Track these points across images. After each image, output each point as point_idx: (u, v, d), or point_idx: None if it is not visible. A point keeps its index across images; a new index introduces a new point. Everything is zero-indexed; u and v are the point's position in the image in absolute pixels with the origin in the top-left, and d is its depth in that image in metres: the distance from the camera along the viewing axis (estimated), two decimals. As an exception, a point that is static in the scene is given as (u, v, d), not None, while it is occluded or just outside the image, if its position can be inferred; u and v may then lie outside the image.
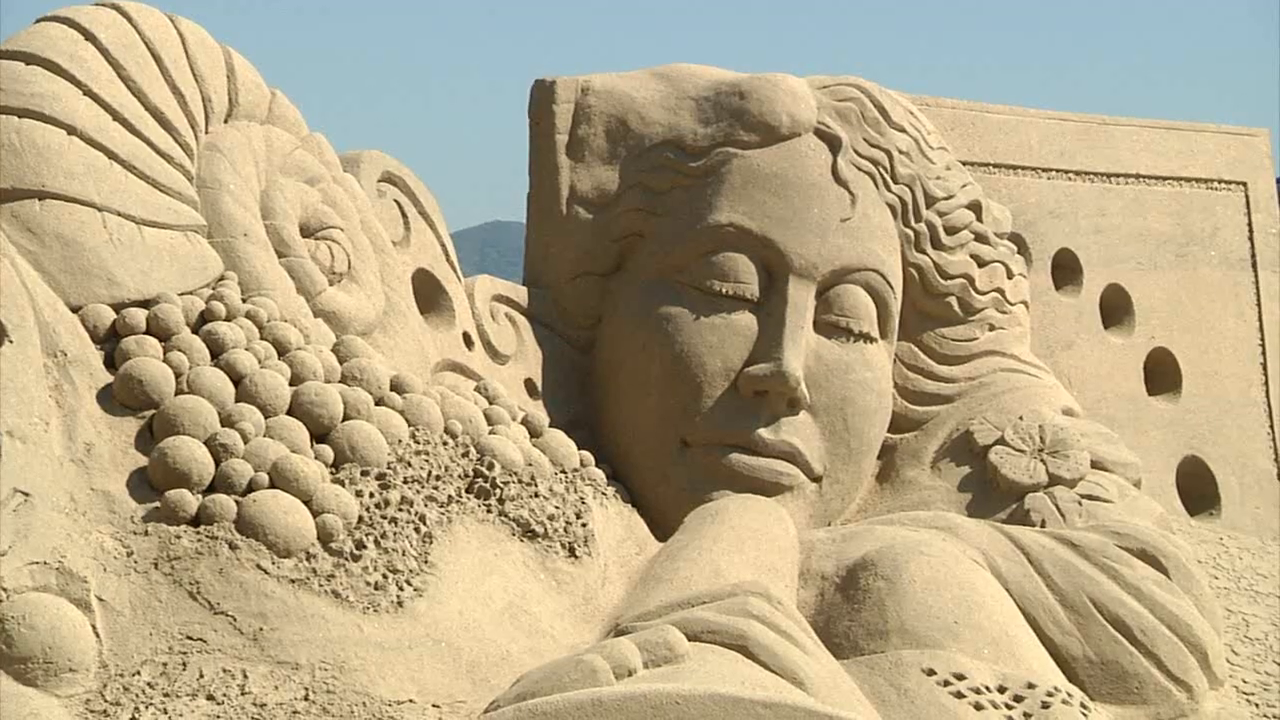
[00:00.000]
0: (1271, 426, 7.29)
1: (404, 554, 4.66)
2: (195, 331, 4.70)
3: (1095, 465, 5.95)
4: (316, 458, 4.66)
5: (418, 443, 4.89)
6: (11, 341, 4.38)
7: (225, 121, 5.12)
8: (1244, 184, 7.48)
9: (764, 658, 4.40)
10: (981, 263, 6.21)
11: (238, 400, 4.64)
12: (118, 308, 4.66)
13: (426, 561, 4.69)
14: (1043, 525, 5.75)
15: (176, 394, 4.58)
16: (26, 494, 4.25)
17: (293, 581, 4.45)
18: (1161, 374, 7.13)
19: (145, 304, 4.69)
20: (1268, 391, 7.32)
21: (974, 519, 5.76)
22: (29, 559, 4.17)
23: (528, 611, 4.86)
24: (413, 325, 5.39)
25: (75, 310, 4.59)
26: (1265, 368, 7.35)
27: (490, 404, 5.34)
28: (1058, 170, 7.01)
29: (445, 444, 4.98)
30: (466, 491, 4.96)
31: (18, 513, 4.19)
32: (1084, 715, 5.09)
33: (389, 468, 4.77)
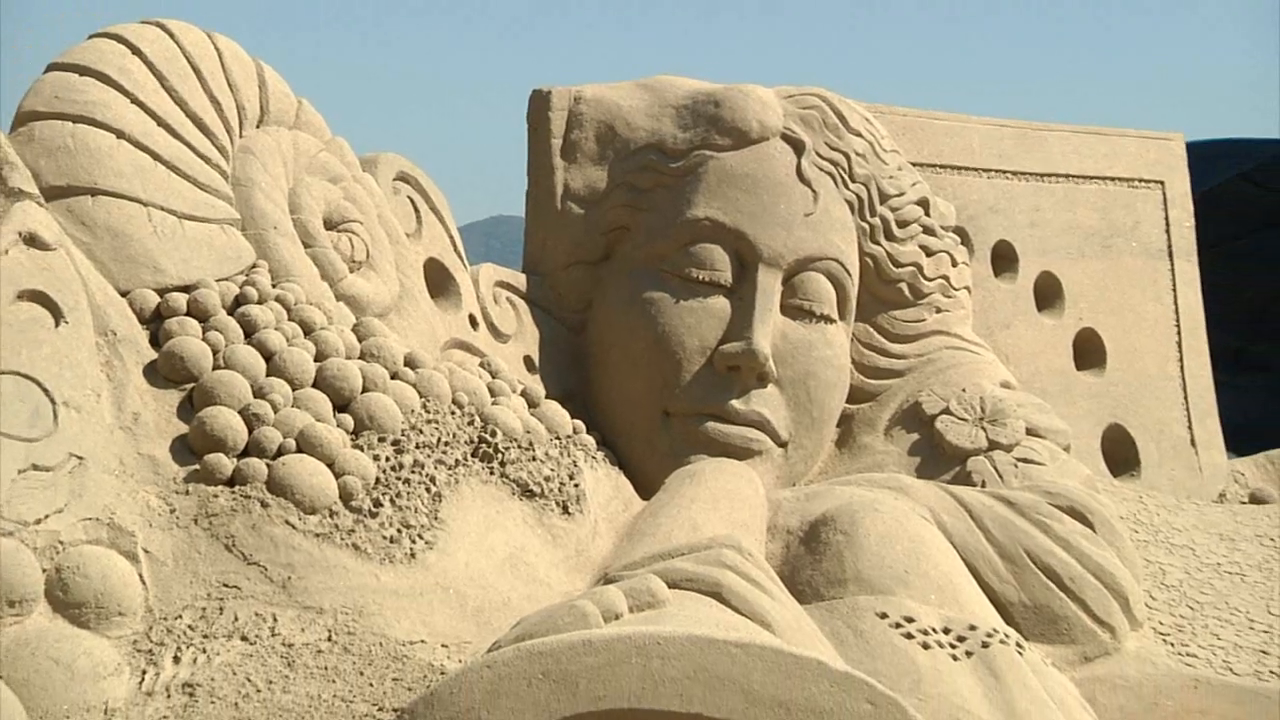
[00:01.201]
0: (1185, 398, 7.31)
1: (416, 511, 4.66)
2: (230, 313, 4.71)
3: (1029, 432, 5.97)
4: (338, 426, 4.67)
5: (428, 412, 4.89)
6: (67, 322, 4.38)
7: (257, 127, 5.13)
8: (1161, 183, 7.51)
9: (736, 603, 4.40)
10: (929, 252, 6.24)
11: (268, 374, 4.64)
12: (161, 292, 4.66)
13: (436, 518, 4.69)
14: (983, 485, 5.77)
15: (214, 369, 4.59)
16: (80, 458, 4.25)
17: (317, 536, 4.46)
18: (1088, 352, 7.15)
19: (186, 289, 4.70)
20: (1182, 367, 7.34)
21: (922, 480, 5.79)
22: (83, 515, 4.17)
23: (526, 562, 4.88)
24: (424, 308, 5.40)
25: (124, 294, 4.60)
26: (1180, 346, 7.37)
27: (493, 378, 5.35)
28: (996, 171, 7.02)
29: (453, 413, 4.99)
30: (472, 456, 4.97)
31: (73, 474, 4.19)
32: (1019, 653, 5.10)
33: (403, 434, 4.78)
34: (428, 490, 4.73)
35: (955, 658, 5.02)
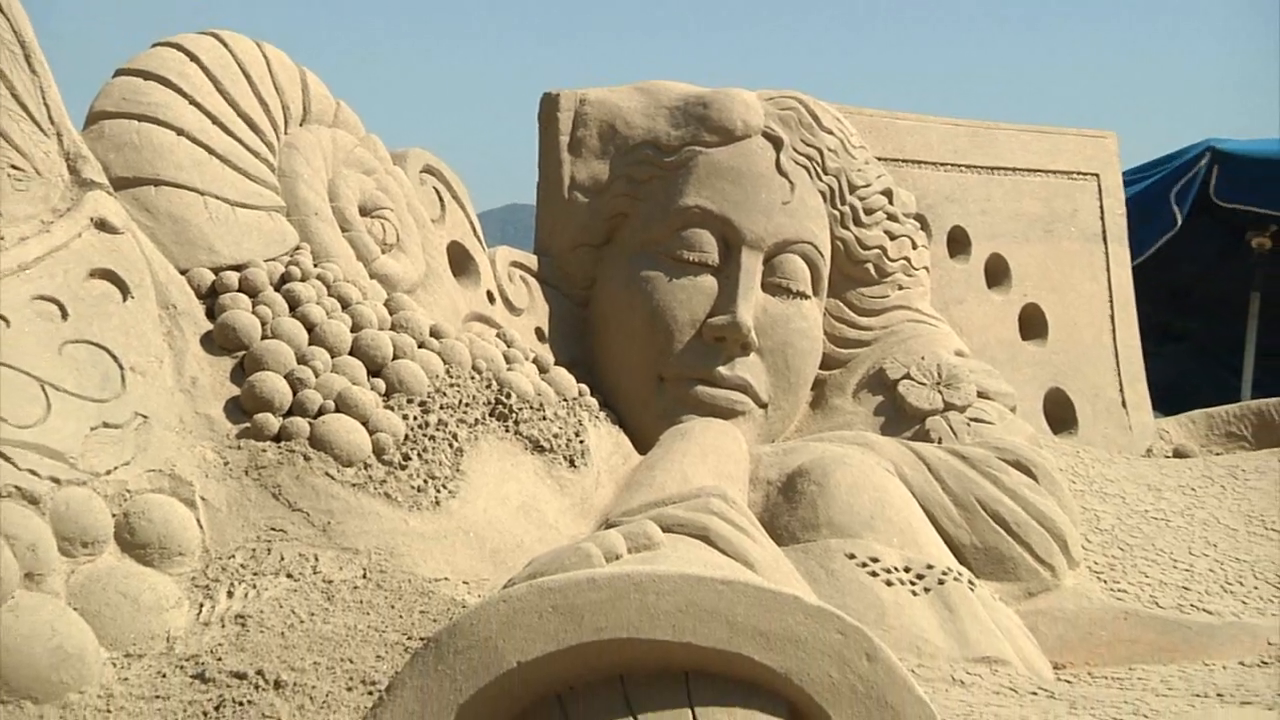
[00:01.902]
0: (1117, 366, 7.32)
1: (440, 464, 4.67)
2: (277, 290, 4.71)
3: (980, 395, 5.99)
4: (372, 389, 4.68)
5: (451, 377, 4.90)
6: (133, 297, 4.39)
7: (300, 125, 5.14)
8: (1097, 175, 7.52)
9: (722, 545, 4.41)
10: (892, 236, 6.25)
11: (310, 344, 4.65)
12: (216, 271, 4.67)
13: (458, 470, 4.70)
14: (939, 442, 5.79)
15: (262, 339, 4.60)
16: (145, 416, 4.25)
17: (353, 485, 4.47)
18: (1032, 324, 7.16)
19: (238, 268, 4.70)
20: (1115, 338, 7.35)
21: (886, 437, 5.80)
22: (147, 467, 4.17)
23: (537, 509, 4.89)
24: (447, 285, 5.40)
25: (183, 273, 4.61)
26: (1113, 319, 7.38)
27: (508, 347, 5.36)
28: (952, 165, 7.03)
29: (472, 378, 4.99)
30: (490, 415, 4.97)
31: (138, 431, 4.20)
32: (971, 589, 5.12)
33: (429, 396, 4.79)
34: (450, 446, 4.74)
35: (915, 593, 5.04)
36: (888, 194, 6.30)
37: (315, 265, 4.85)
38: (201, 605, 4.03)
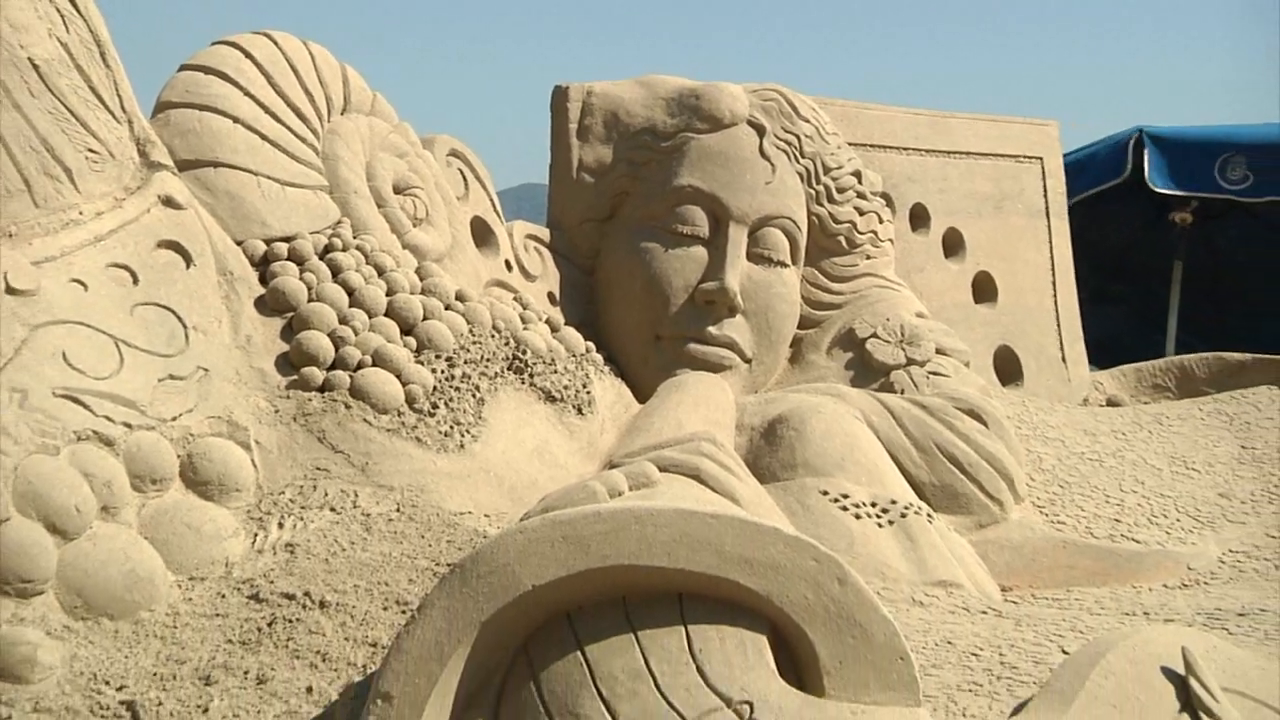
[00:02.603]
0: (1058, 326, 7.33)
1: (464, 412, 4.68)
2: (321, 258, 4.72)
3: (938, 351, 5.99)
4: (404, 346, 4.69)
5: (474, 336, 4.90)
6: (195, 265, 4.39)
7: (341, 114, 5.13)
8: (1040, 159, 7.51)
9: (712, 484, 4.42)
10: (861, 212, 6.24)
11: (350, 306, 4.65)
12: (268, 242, 4.68)
13: (480, 417, 4.71)
14: (902, 393, 5.79)
15: (308, 301, 4.60)
16: (206, 370, 4.26)
17: (388, 430, 4.47)
18: (983, 289, 7.15)
19: (287, 239, 4.71)
20: (1055, 302, 7.35)
21: (855, 389, 5.80)
22: (208, 414, 4.18)
23: (549, 452, 4.89)
24: (470, 255, 5.40)
25: (239, 244, 4.61)
26: (1054, 285, 7.38)
27: (524, 309, 5.36)
28: (914, 149, 7.01)
29: (492, 336, 4.99)
30: (508, 369, 4.97)
31: (200, 383, 4.21)
32: (929, 522, 5.13)
33: (454, 353, 4.79)
34: (473, 396, 4.75)
35: (880, 525, 5.05)
36: (857, 175, 6.29)
37: (354, 237, 4.85)
38: (255, 535, 4.04)
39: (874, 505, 5.10)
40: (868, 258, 6.32)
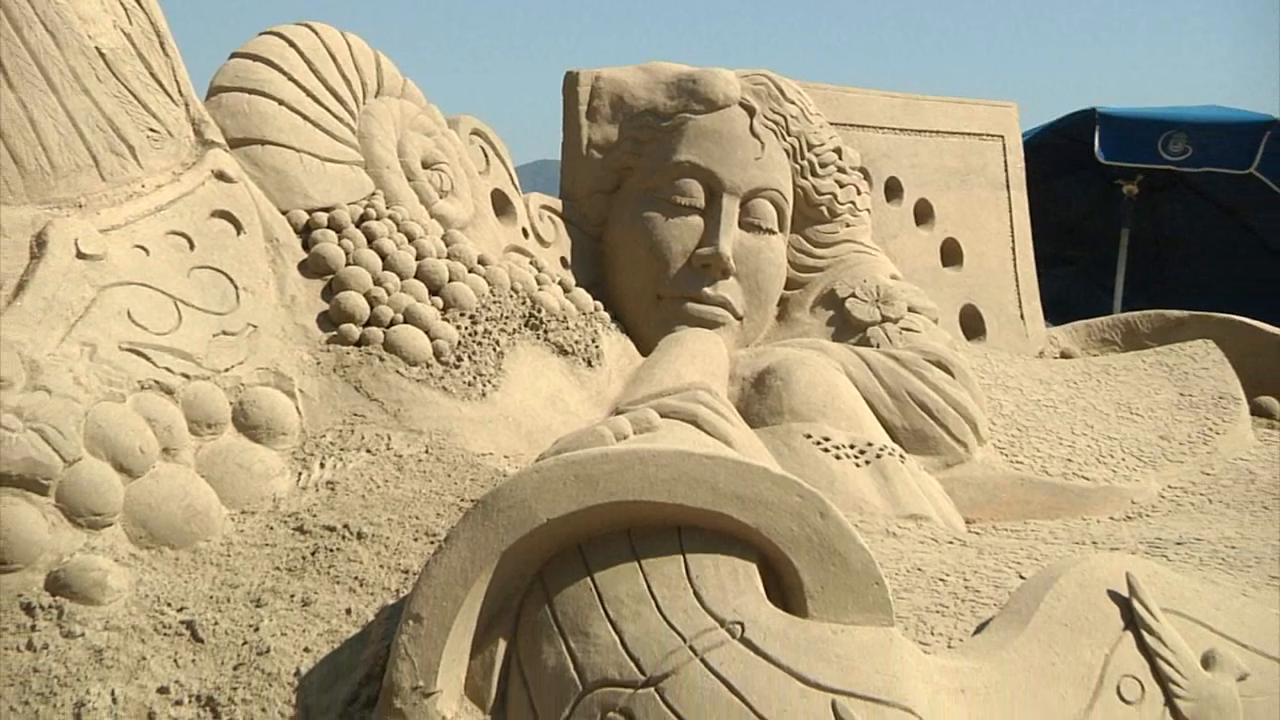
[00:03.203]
0: (1017, 287, 7.32)
1: (486, 364, 4.67)
2: (357, 227, 4.72)
3: (910, 310, 5.99)
4: (432, 305, 4.69)
5: (494, 296, 4.89)
6: (245, 233, 4.39)
7: (375, 97, 5.12)
8: (1002, 137, 7.49)
9: (707, 428, 4.43)
10: (841, 185, 6.23)
11: (384, 269, 4.66)
12: (309, 212, 4.67)
13: (500, 369, 4.70)
14: (878, 347, 5.79)
15: (346, 265, 4.60)
16: (255, 326, 4.26)
17: (418, 381, 4.47)
18: (950, 254, 7.13)
19: (327, 210, 4.70)
20: (1015, 265, 7.35)
21: (836, 343, 5.80)
22: (257, 366, 4.18)
23: (562, 400, 4.89)
24: (491, 224, 5.39)
25: (284, 213, 4.61)
26: (1014, 250, 7.37)
27: (539, 272, 5.35)
28: (889, 128, 7.00)
29: (511, 296, 4.99)
30: (524, 326, 4.97)
31: (249, 338, 4.21)
32: (901, 462, 5.13)
33: (477, 311, 4.78)
34: (494, 350, 4.74)
35: (857, 465, 5.05)
36: (838, 151, 6.28)
37: (387, 208, 4.85)
38: (300, 474, 4.05)
39: (852, 447, 5.11)
40: (847, 226, 6.31)
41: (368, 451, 4.19)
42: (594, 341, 5.29)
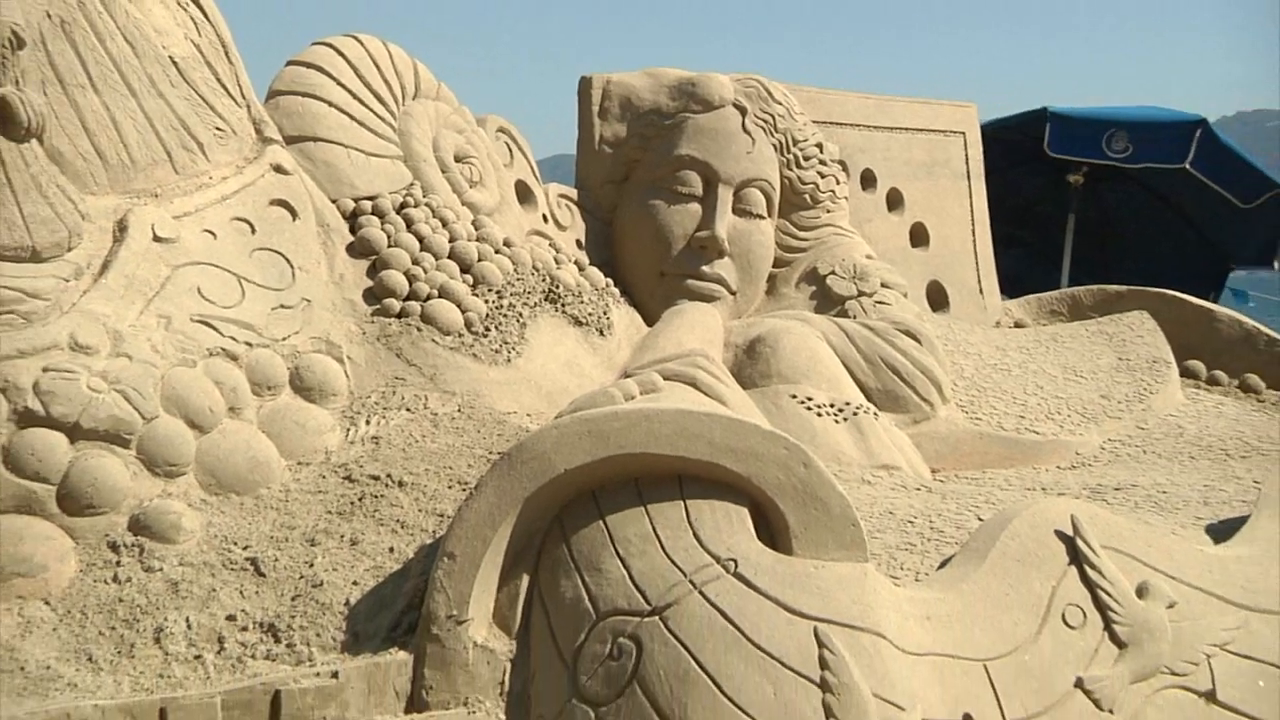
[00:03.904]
0: (977, 265, 7.31)
1: (511, 333, 4.67)
2: (398, 213, 4.71)
3: (883, 285, 5.98)
4: (464, 282, 4.68)
5: (518, 274, 4.89)
6: (300, 218, 4.38)
7: (413, 99, 5.11)
8: (963, 133, 7.47)
9: (705, 390, 4.42)
10: (823, 175, 6.21)
11: (420, 251, 4.65)
12: (356, 200, 4.67)
13: (523, 338, 4.70)
14: (854, 318, 5.78)
15: (388, 247, 4.59)
16: (309, 300, 4.25)
17: (451, 348, 4.47)
18: (918, 236, 7.11)
19: (371, 198, 4.70)
20: (975, 246, 7.33)
21: (818, 315, 5.79)
22: (310, 335, 4.18)
23: (577, 365, 4.89)
24: (515, 211, 5.38)
25: (333, 201, 4.61)
26: (974, 233, 7.36)
27: (557, 253, 5.34)
28: (864, 125, 6.98)
29: (532, 274, 4.98)
30: (544, 300, 4.96)
31: (304, 311, 4.21)
32: (875, 418, 5.13)
33: (502, 287, 4.78)
34: (518, 321, 4.74)
35: (837, 422, 5.05)
36: (819, 146, 6.26)
37: (424, 196, 4.83)
38: (348, 430, 4.05)
39: (832, 406, 5.11)
40: (827, 211, 6.29)
41: (407, 410, 4.19)
42: (605, 313, 5.28)
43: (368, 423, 4.10)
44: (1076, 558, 3.31)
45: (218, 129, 4.29)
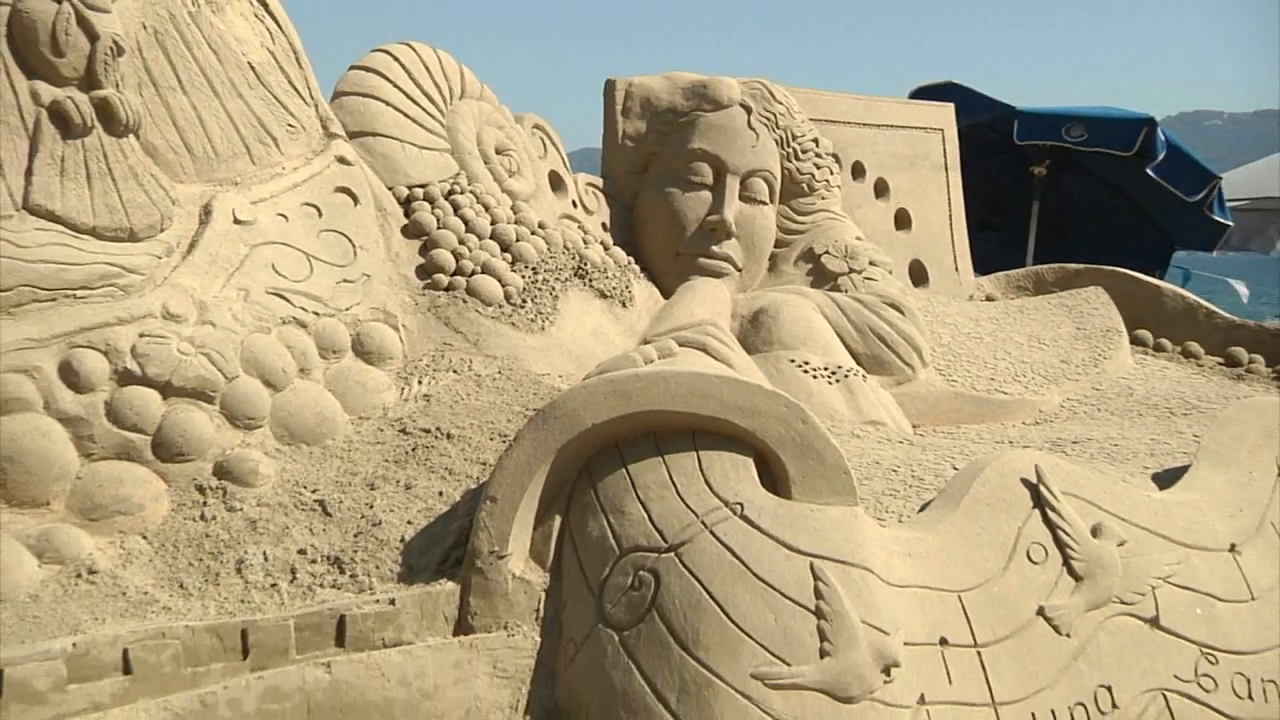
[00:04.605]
0: (953, 247, 7.26)
1: (545, 305, 4.66)
2: (445, 199, 4.70)
3: (871, 263, 5.94)
4: (503, 260, 4.67)
5: (550, 252, 4.87)
6: (360, 203, 4.37)
7: (459, 99, 5.09)
8: (941, 130, 7.40)
9: (715, 355, 4.43)
10: (818, 167, 6.18)
11: (466, 232, 4.64)
12: (409, 188, 4.66)
13: (555, 309, 4.69)
14: (845, 292, 5.76)
15: (437, 229, 4.59)
16: (368, 275, 4.25)
17: (493, 318, 4.46)
18: (902, 221, 7.06)
19: (422, 186, 4.69)
20: (951, 230, 7.28)
21: (814, 289, 5.77)
22: (370, 306, 4.17)
23: (603, 333, 4.87)
24: (548, 197, 5.37)
25: (389, 189, 4.60)
26: (950, 218, 7.30)
27: (585, 234, 5.32)
28: (855, 123, 6.93)
29: (564, 253, 4.97)
30: (574, 276, 4.95)
31: (364, 284, 4.20)
32: (863, 380, 5.12)
33: (537, 264, 4.76)
34: (551, 294, 4.73)
35: (830, 383, 5.03)
36: (815, 140, 6.22)
37: (469, 185, 4.82)
38: (402, 389, 4.05)
39: (826, 369, 5.09)
40: (822, 199, 6.26)
41: (454, 372, 4.19)
42: (627, 288, 5.26)
43: (420, 382, 4.10)
44: (1039, 502, 3.31)
45: (289, 125, 4.28)
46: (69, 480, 3.29)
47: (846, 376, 5.09)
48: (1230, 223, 12.09)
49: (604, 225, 5.85)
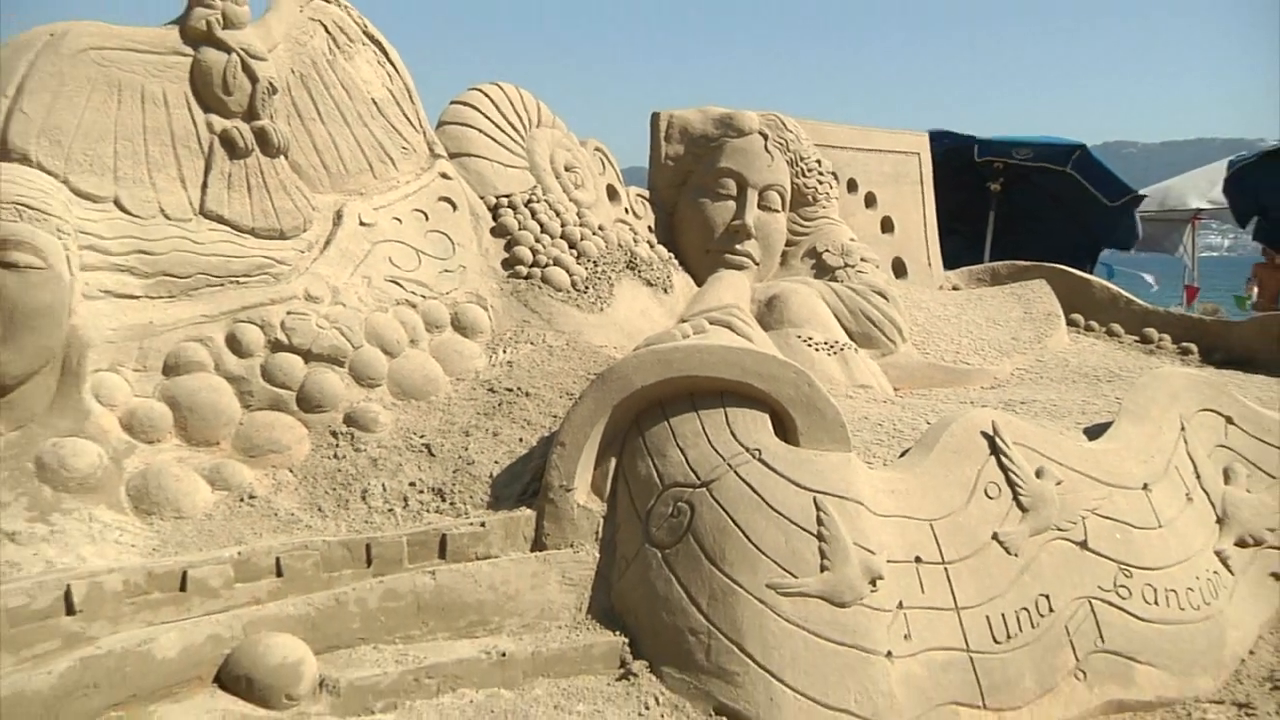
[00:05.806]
0: (927, 247, 7.17)
1: (603, 291, 4.64)
2: (525, 207, 4.67)
3: (862, 259, 5.88)
4: (570, 255, 4.65)
5: (608, 249, 4.85)
6: (458, 210, 4.37)
7: (536, 127, 5.04)
8: (918, 154, 7.30)
9: (738, 331, 4.37)
10: (821, 182, 6.09)
11: (540, 233, 4.61)
12: (496, 198, 4.63)
13: (611, 294, 4.67)
14: (842, 282, 5.70)
15: (518, 230, 4.56)
16: (464, 267, 4.25)
17: (562, 301, 4.45)
18: (887, 226, 6.98)
19: (506, 196, 4.65)
20: (925, 234, 7.19)
21: (816, 280, 5.71)
22: (466, 291, 4.17)
23: (649, 314, 4.85)
24: (606, 206, 5.32)
25: (481, 199, 4.57)
26: (925, 225, 7.21)
27: (635, 235, 5.29)
28: (850, 148, 6.84)
29: (618, 249, 4.94)
30: (626, 268, 4.93)
31: (461, 274, 4.20)
32: (855, 352, 5.07)
33: (598, 259, 4.74)
34: (608, 283, 4.70)
35: (829, 355, 4.99)
36: (819, 161, 6.14)
37: (543, 195, 4.78)
38: (490, 356, 4.05)
39: (825, 343, 5.05)
40: (823, 208, 6.17)
41: (531, 344, 4.19)
42: (668, 278, 5.23)
43: (504, 351, 4.10)
44: (995, 450, 3.29)
45: (403, 148, 4.28)
46: (234, 425, 3.34)
47: (842, 349, 5.05)
48: (1141, 232, 12.14)
49: (650, 228, 5.81)
